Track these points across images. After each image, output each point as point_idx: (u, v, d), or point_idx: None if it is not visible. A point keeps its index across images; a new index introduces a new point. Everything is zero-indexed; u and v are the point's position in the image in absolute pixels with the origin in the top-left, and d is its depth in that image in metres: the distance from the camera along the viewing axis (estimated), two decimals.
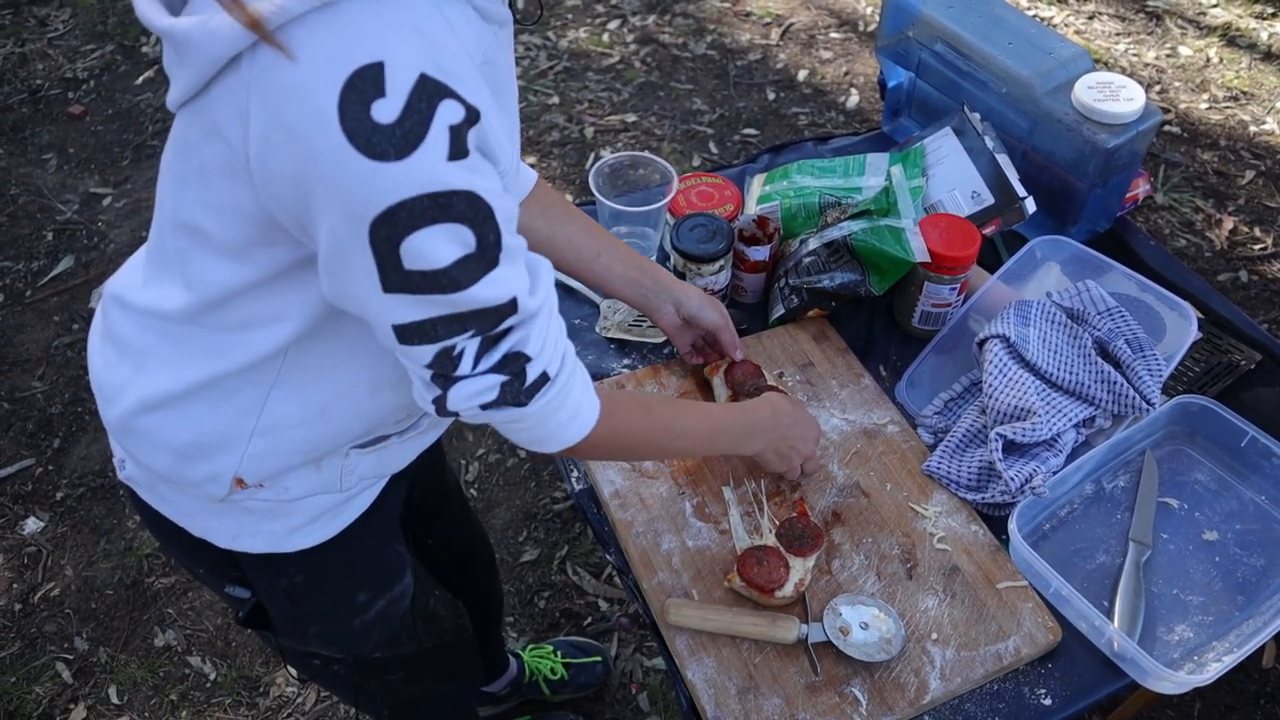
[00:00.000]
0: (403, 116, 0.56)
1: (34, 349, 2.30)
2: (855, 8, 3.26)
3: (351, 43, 0.57)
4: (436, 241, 0.60)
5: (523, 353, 0.71)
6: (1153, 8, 3.32)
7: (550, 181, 2.63)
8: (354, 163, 0.57)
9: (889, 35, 1.41)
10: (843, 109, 2.85)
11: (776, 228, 1.23)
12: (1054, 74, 1.24)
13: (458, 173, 0.59)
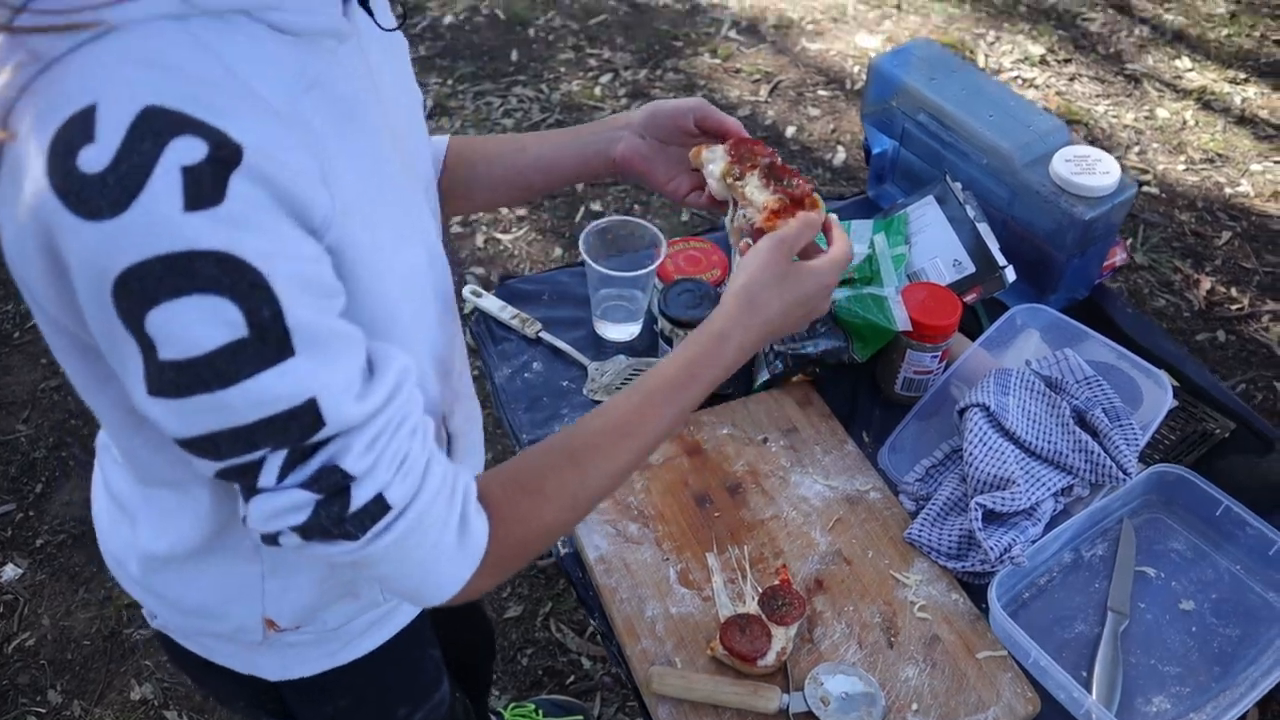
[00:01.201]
0: (115, 161, 0.46)
1: (20, 391, 2.29)
2: (843, 66, 3.33)
3: (63, 94, 0.48)
4: (186, 319, 0.48)
5: (338, 467, 0.56)
6: (1131, 70, 3.40)
7: (540, 235, 2.66)
8: (73, 227, 0.47)
9: (873, 104, 1.45)
10: (829, 165, 2.90)
11: None
12: (1033, 146, 1.28)
13: (202, 227, 0.47)
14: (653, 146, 0.90)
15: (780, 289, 0.77)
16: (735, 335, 0.76)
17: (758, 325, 0.77)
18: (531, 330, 1.30)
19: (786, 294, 0.78)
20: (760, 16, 3.57)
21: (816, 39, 3.46)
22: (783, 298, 0.77)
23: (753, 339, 0.77)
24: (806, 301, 0.79)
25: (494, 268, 2.56)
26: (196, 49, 0.50)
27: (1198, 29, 3.63)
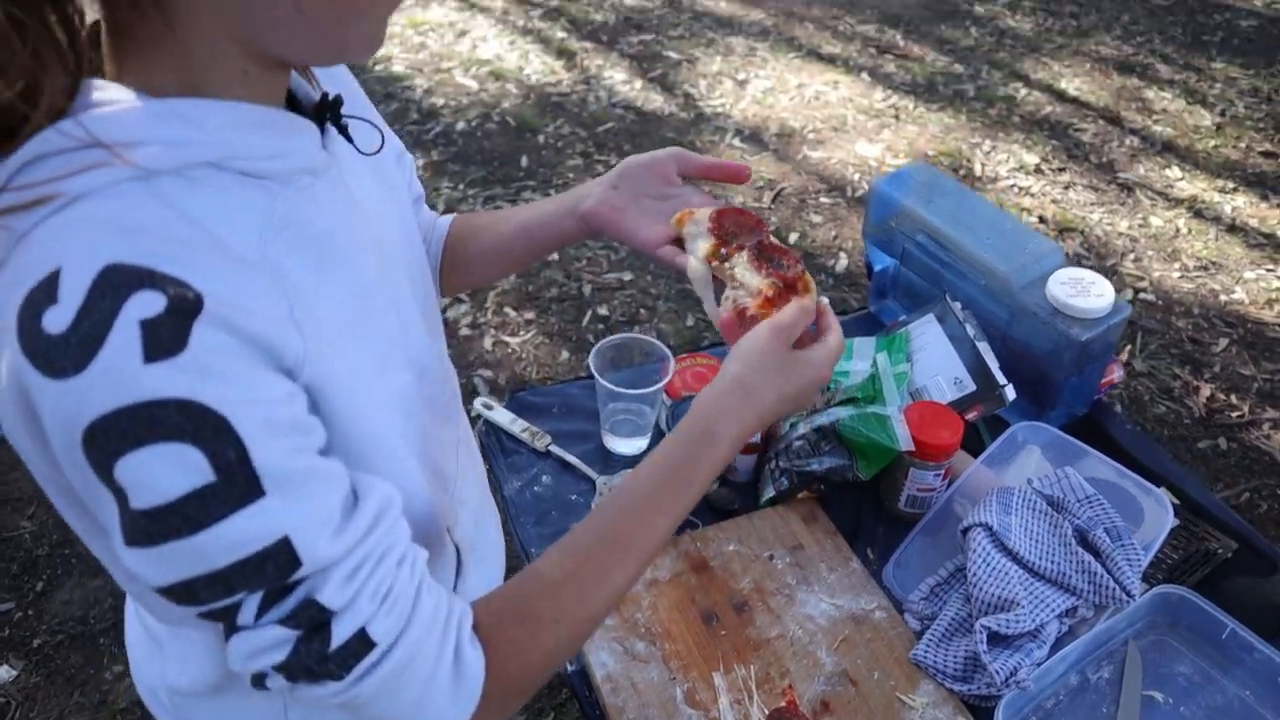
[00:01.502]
0: (76, 321, 0.48)
1: (27, 486, 2.30)
2: (844, 174, 3.43)
3: (30, 263, 0.49)
4: (152, 468, 0.49)
5: (316, 601, 0.55)
6: (1123, 179, 3.50)
7: (547, 338, 2.71)
8: (42, 387, 0.48)
9: (874, 224, 1.50)
10: (832, 271, 2.97)
11: None
12: (1029, 269, 1.32)
13: (163, 376, 0.48)
14: (624, 198, 0.88)
15: (778, 380, 0.75)
16: (729, 431, 0.73)
17: (752, 418, 0.75)
18: (541, 443, 1.32)
19: (784, 385, 0.76)
20: (763, 125, 3.70)
21: (818, 147, 3.57)
22: (780, 389, 0.76)
23: (745, 431, 0.75)
24: (801, 394, 0.78)
25: (501, 370, 2.59)
26: (159, 206, 0.52)
27: (1186, 140, 3.75)
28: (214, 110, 0.56)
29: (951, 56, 4.31)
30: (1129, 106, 3.97)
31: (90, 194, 0.51)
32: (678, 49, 4.27)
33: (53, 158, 0.51)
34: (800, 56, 4.25)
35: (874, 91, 3.99)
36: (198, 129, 0.55)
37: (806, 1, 4.81)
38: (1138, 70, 4.27)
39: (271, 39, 0.57)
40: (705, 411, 0.74)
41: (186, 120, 0.54)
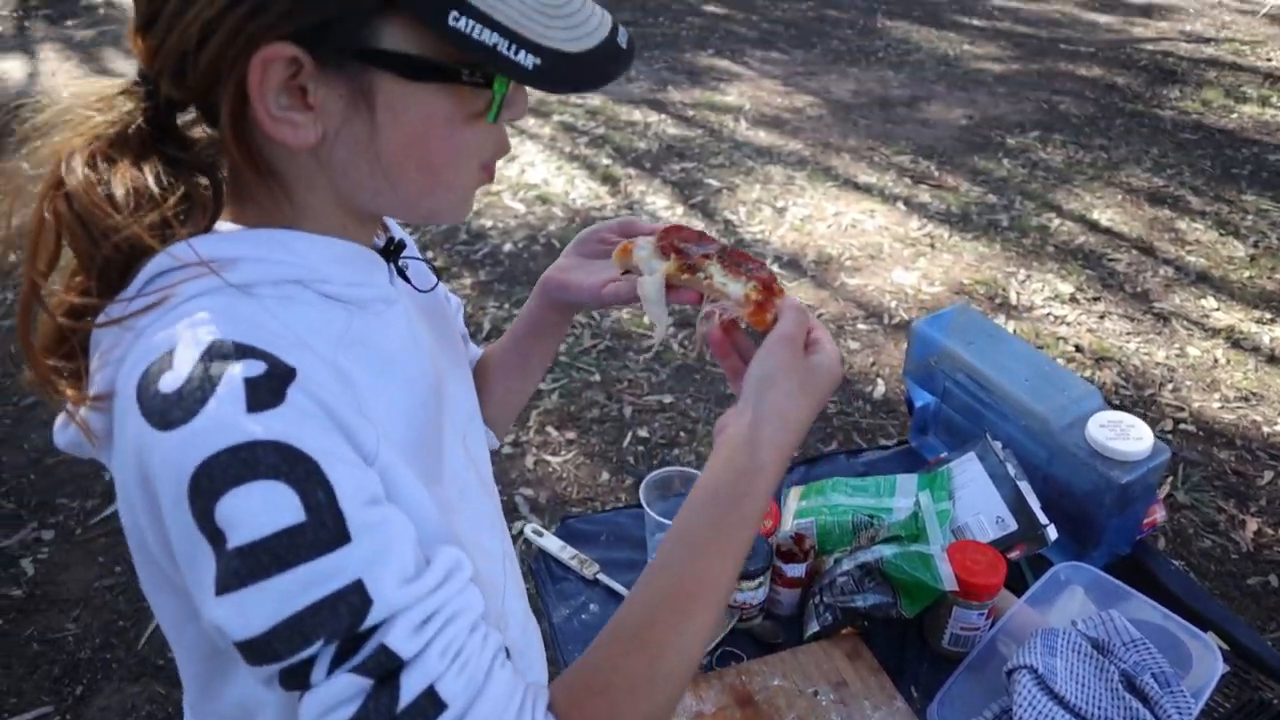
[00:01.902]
0: (187, 381, 0.54)
1: (75, 588, 2.35)
2: (880, 301, 3.50)
3: (149, 348, 0.57)
4: (249, 504, 0.53)
5: (385, 646, 0.56)
6: (1159, 309, 3.54)
7: (588, 459, 2.75)
8: (156, 441, 0.54)
9: (915, 362, 1.55)
10: (869, 398, 3.01)
11: (813, 545, 1.30)
12: (1068, 410, 1.36)
13: (263, 422, 0.54)
14: (572, 260, 0.91)
15: (805, 396, 0.74)
16: (772, 458, 0.71)
17: (792, 438, 0.73)
18: (590, 571, 1.35)
19: (812, 399, 0.75)
20: (801, 252, 3.81)
21: (855, 274, 3.66)
22: (810, 405, 0.75)
23: (787, 455, 0.73)
24: (823, 401, 0.76)
25: (542, 489, 2.63)
26: (256, 308, 0.61)
27: (1220, 270, 3.80)
28: (305, 241, 0.65)
29: (985, 187, 4.44)
30: (1162, 237, 4.04)
31: (198, 296, 0.59)
32: (718, 177, 4.44)
33: (169, 273, 0.60)
34: (837, 185, 4.39)
35: (909, 220, 4.10)
36: (289, 253, 0.64)
37: (843, 133, 5.00)
38: (1169, 202, 4.35)
39: (371, 205, 0.68)
40: (745, 443, 0.71)
41: (281, 246, 0.64)
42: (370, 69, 0.60)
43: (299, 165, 0.65)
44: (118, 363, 0.60)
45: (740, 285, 0.77)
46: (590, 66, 0.63)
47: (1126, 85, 5.88)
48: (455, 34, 0.57)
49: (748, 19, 7.02)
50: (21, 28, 6.46)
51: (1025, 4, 7.73)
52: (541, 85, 0.61)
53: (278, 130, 0.60)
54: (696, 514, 0.70)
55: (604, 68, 0.64)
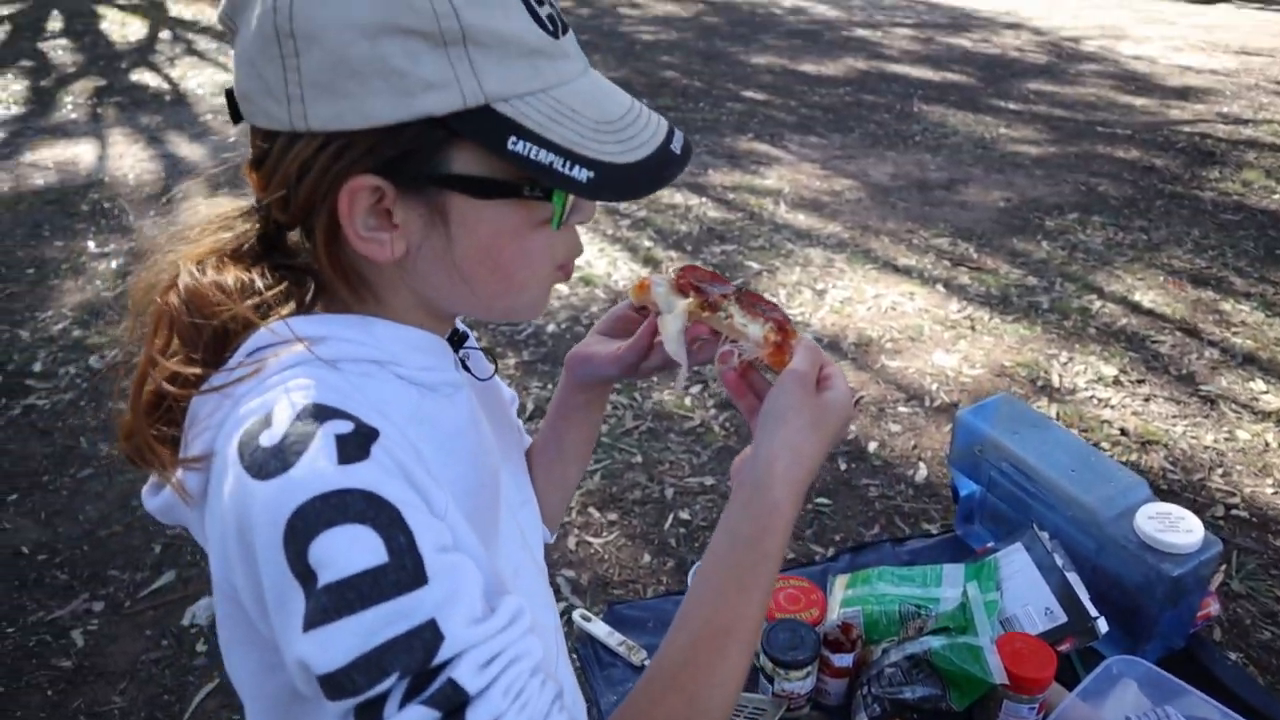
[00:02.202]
0: (285, 434, 0.61)
1: (122, 661, 2.38)
2: (921, 384, 3.51)
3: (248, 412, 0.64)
4: (339, 545, 0.58)
5: (453, 680, 0.59)
6: (1205, 392, 3.50)
7: (629, 540, 2.76)
8: (256, 491, 0.60)
9: (960, 451, 1.56)
10: (911, 482, 2.99)
11: (860, 635, 1.30)
12: (1115, 501, 1.36)
13: (351, 473, 0.60)
14: (595, 339, 0.97)
15: (817, 432, 0.77)
16: (787, 494, 0.74)
17: (804, 475, 0.76)
18: (637, 658, 1.36)
19: (824, 434, 0.77)
20: (841, 334, 3.83)
21: (895, 357, 3.68)
22: (822, 440, 0.77)
23: (801, 490, 0.76)
24: (837, 436, 0.79)
25: (584, 571, 2.64)
26: (340, 380, 0.68)
27: (1268, 352, 3.76)
28: (385, 327, 0.74)
29: (1025, 269, 4.46)
30: (1206, 319, 4.02)
31: (291, 366, 0.67)
32: (758, 259, 4.51)
33: (266, 347, 0.69)
34: (876, 268, 4.44)
35: (949, 303, 4.12)
36: (370, 337, 0.72)
37: (881, 215, 5.06)
38: (1212, 283, 4.34)
39: (450, 307, 0.77)
40: (760, 482, 0.74)
41: (364, 329, 0.72)
42: (444, 190, 0.68)
43: (385, 275, 0.74)
44: (217, 426, 0.67)
45: (759, 326, 0.80)
46: (643, 175, 0.69)
47: (1165, 167, 5.91)
48: (514, 156, 0.65)
49: (786, 104, 7.18)
50: (95, 114, 6.79)
51: (1060, 87, 7.83)
52: (595, 196, 0.68)
53: (366, 248, 0.69)
54: (719, 557, 0.73)
55: (657, 174, 0.70)
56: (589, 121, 0.68)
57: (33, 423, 3.30)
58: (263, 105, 0.67)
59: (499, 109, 0.65)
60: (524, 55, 0.66)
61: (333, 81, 0.64)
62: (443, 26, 0.63)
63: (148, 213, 5.10)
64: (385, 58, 0.63)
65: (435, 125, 0.65)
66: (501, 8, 0.65)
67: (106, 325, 3.92)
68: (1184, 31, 10.23)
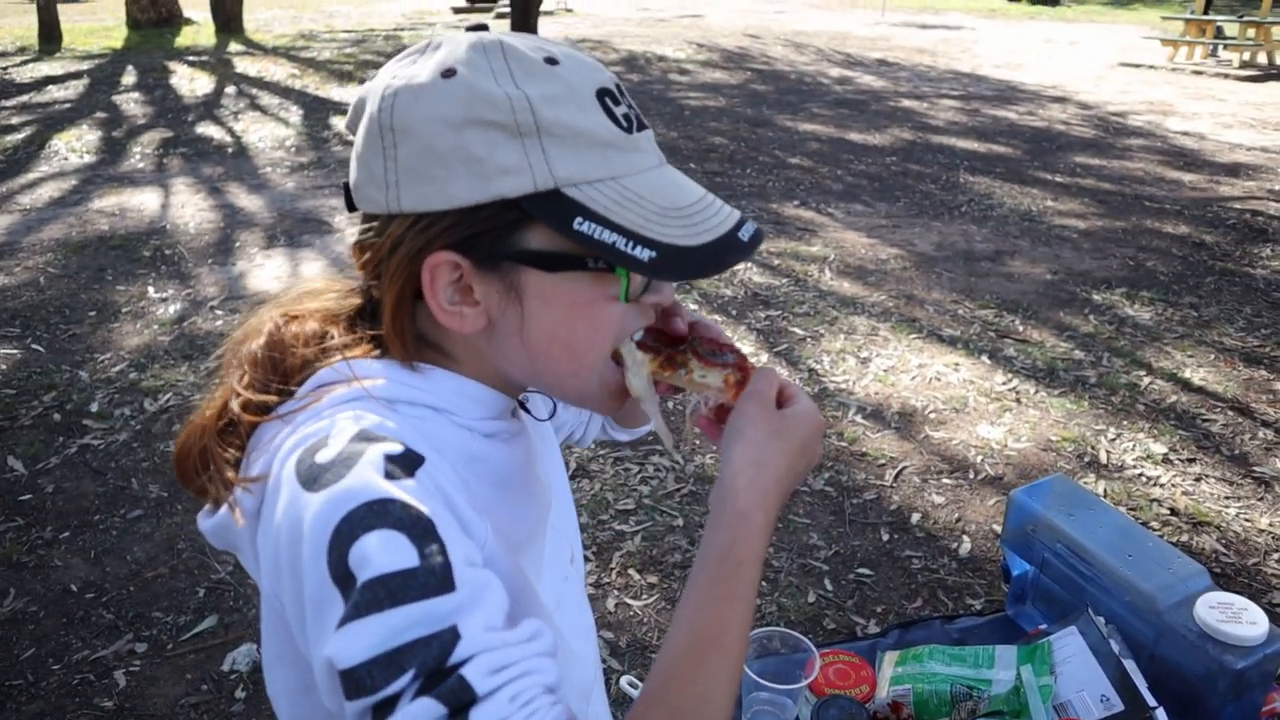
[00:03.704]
0: (339, 454, 0.67)
1: (161, 705, 2.40)
2: (965, 456, 3.47)
3: (307, 435, 0.70)
4: (376, 546, 0.63)
5: (465, 680, 0.61)
6: (1259, 474, 3.43)
7: (669, 604, 2.75)
8: (308, 500, 0.65)
9: (1012, 530, 1.55)
10: (955, 555, 2.95)
11: (909, 714, 1.29)
12: (1174, 589, 1.34)
13: (394, 487, 0.65)
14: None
15: (780, 442, 0.78)
16: (753, 502, 0.75)
17: (769, 484, 0.76)
18: None
19: (788, 444, 0.78)
20: (885, 404, 3.82)
21: (940, 428, 3.65)
22: (786, 450, 0.78)
23: (772, 502, 0.76)
24: (806, 448, 0.80)
25: (623, 633, 2.63)
26: (396, 417, 0.73)
27: None
28: (446, 379, 0.79)
29: (1071, 343, 4.42)
30: (1259, 398, 3.95)
31: (348, 401, 0.73)
32: (803, 325, 4.52)
33: (327, 384, 0.75)
34: (921, 337, 4.43)
35: (994, 374, 4.10)
36: (429, 384, 0.78)
37: (926, 285, 5.07)
38: (1265, 362, 4.27)
39: (523, 381, 0.82)
40: (723, 495, 0.76)
41: (422, 377, 0.78)
42: (517, 266, 0.74)
43: (464, 345, 0.80)
44: (274, 450, 0.72)
45: (718, 374, 0.82)
46: (706, 257, 0.73)
47: (1215, 243, 5.86)
48: (579, 235, 0.71)
49: (832, 172, 7.26)
50: (160, 164, 7.03)
51: (1107, 161, 7.83)
52: (655, 275, 0.72)
53: (450, 320, 0.76)
54: (695, 574, 0.73)
55: (719, 258, 0.74)
56: (655, 207, 0.73)
57: (87, 462, 3.38)
58: (368, 192, 0.75)
59: (568, 192, 0.71)
60: (595, 146, 0.72)
61: (422, 168, 0.72)
62: (519, 120, 0.70)
63: (205, 260, 5.25)
64: (467, 146, 0.70)
65: (509, 206, 0.72)
66: (577, 105, 0.72)
67: (162, 369, 4.02)
68: (1234, 108, 10.21)
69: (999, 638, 1.50)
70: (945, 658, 1.40)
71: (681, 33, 16.05)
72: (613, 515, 3.11)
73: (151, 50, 13.35)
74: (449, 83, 0.71)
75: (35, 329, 4.44)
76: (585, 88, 0.73)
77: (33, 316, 4.57)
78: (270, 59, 12.13)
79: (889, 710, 1.29)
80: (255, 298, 4.75)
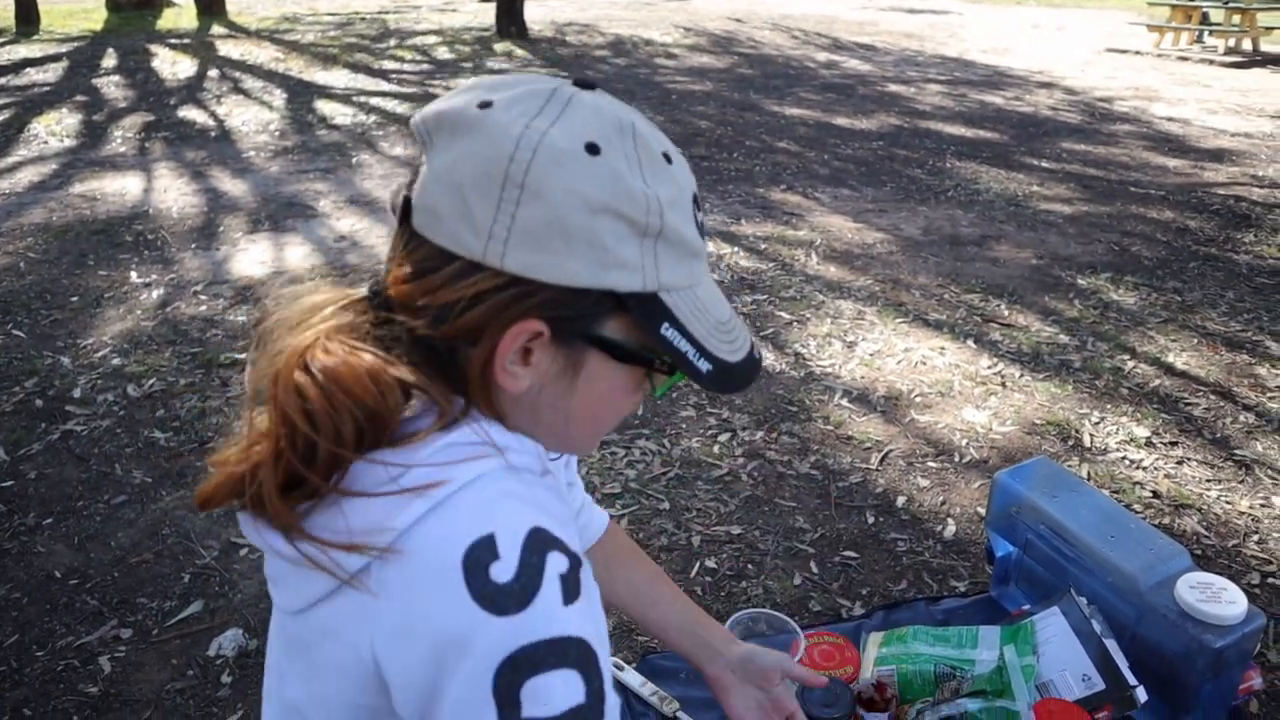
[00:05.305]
0: (519, 573, 0.66)
1: (146, 690, 2.39)
2: (951, 440, 3.49)
3: (455, 522, 0.69)
4: (553, 686, 0.65)
5: None
6: (1240, 456, 3.46)
7: None
8: (485, 623, 0.65)
9: (996, 512, 1.56)
10: (940, 538, 2.97)
11: (894, 694, 1.30)
12: (1155, 569, 1.35)
13: (572, 618, 0.67)
14: (736, 680, 1.18)
15: None
16: None
17: None
18: (670, 708, 1.36)
19: None
20: (871, 388, 3.83)
21: (925, 411, 3.67)
22: None
23: None
24: None
25: (609, 616, 2.63)
26: (526, 489, 0.74)
27: None
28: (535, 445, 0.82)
29: (1056, 327, 4.44)
30: (1241, 382, 3.98)
31: (486, 475, 0.72)
32: (789, 310, 4.52)
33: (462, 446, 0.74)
34: (907, 322, 4.44)
35: (980, 359, 4.11)
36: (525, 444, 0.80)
37: (913, 269, 5.07)
38: (1247, 347, 4.30)
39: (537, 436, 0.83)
40: None
41: (518, 438, 0.79)
42: (589, 347, 0.76)
43: (499, 401, 0.79)
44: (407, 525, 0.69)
45: None
46: (741, 374, 0.79)
47: (1199, 229, 5.89)
48: (662, 340, 0.75)
49: (819, 156, 7.25)
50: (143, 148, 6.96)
51: (1093, 147, 7.85)
52: (709, 387, 0.77)
53: (503, 378, 0.75)
54: None
55: (749, 375, 0.80)
56: (713, 321, 0.77)
57: (70, 448, 3.36)
58: (455, 230, 0.71)
59: (663, 298, 0.74)
60: (688, 256, 0.76)
61: (544, 236, 0.70)
62: (649, 221, 0.72)
63: (189, 245, 5.21)
64: (597, 232, 0.71)
65: (610, 296, 0.73)
66: (684, 213, 0.75)
67: (145, 355, 3.99)
68: (1219, 94, 10.24)
69: (982, 618, 1.51)
70: (929, 638, 1.41)
71: (668, 16, 15.97)
72: (599, 499, 3.11)
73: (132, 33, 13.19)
74: (594, 161, 0.70)
75: (16, 314, 4.40)
76: (689, 193, 0.76)
77: (13, 302, 4.53)
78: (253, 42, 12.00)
79: (874, 690, 1.30)
80: (239, 282, 4.71)
